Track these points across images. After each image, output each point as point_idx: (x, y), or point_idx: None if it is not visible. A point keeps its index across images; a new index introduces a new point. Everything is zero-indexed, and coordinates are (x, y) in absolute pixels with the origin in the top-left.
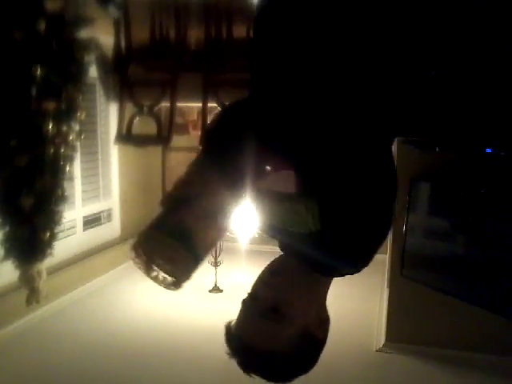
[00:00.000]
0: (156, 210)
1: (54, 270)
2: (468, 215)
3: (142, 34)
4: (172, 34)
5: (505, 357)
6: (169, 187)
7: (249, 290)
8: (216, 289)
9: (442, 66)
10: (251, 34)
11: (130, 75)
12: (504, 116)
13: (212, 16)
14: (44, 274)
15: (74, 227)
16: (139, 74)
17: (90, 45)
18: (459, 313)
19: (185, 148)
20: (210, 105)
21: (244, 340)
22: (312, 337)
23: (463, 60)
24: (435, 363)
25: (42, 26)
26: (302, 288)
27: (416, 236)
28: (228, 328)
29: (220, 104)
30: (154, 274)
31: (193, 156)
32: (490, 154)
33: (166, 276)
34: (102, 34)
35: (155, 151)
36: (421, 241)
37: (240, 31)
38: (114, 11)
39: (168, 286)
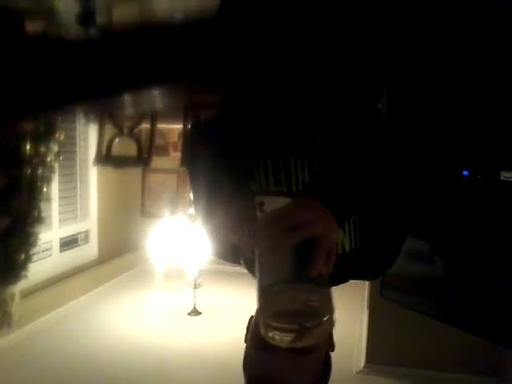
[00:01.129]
0: (134, 232)
1: (29, 293)
2: (446, 237)
3: None
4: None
5: (486, 377)
6: (148, 208)
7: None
8: (195, 311)
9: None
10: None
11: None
12: (480, 139)
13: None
14: (17, 297)
15: (50, 249)
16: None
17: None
18: (440, 334)
19: (165, 169)
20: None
21: (276, 376)
22: (329, 360)
23: (438, 84)
24: None
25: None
26: None
27: None
28: (251, 363)
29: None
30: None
31: (173, 177)
32: (467, 176)
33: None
34: None
35: (135, 172)
36: (400, 262)
37: None
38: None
39: (328, 327)
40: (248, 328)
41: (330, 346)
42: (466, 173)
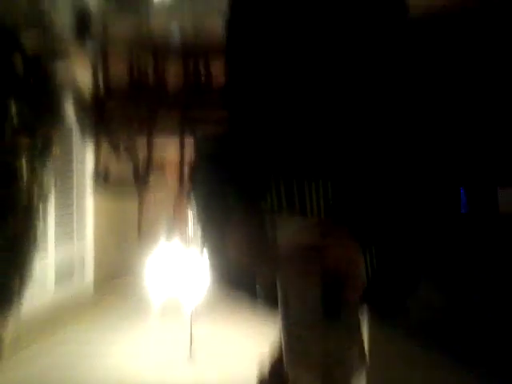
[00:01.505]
0: (131, 255)
1: (22, 320)
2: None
3: (119, 71)
4: (150, 70)
5: None
6: (146, 229)
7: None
8: (192, 355)
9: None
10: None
11: (107, 113)
12: (477, 155)
13: (190, 54)
14: (9, 325)
15: (44, 273)
16: (117, 111)
17: (66, 81)
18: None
19: (163, 188)
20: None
21: None
22: None
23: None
24: None
25: (18, 60)
26: None
27: None
28: None
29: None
30: None
31: (170, 196)
32: (466, 212)
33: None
34: (79, 70)
35: (131, 192)
36: None
37: (218, 69)
38: (91, 47)
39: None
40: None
41: None
42: (464, 201)
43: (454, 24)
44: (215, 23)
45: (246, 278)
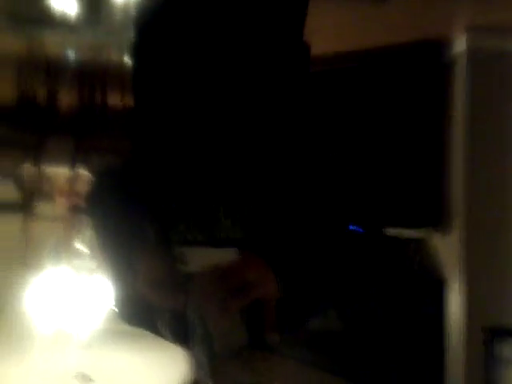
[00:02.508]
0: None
1: None
2: (336, 291)
3: (7, 92)
4: (41, 94)
5: None
6: (32, 259)
7: None
8: (81, 375)
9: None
10: (126, 101)
11: None
12: (365, 193)
13: (86, 79)
14: None
15: None
16: (2, 135)
17: None
18: None
19: (50, 217)
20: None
21: None
22: None
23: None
24: None
25: None
26: None
27: None
28: None
29: (91, 171)
30: None
31: (58, 225)
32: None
33: None
34: None
35: (15, 220)
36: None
37: (115, 97)
38: None
39: None
40: None
41: None
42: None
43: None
44: (114, 54)
45: (146, 313)
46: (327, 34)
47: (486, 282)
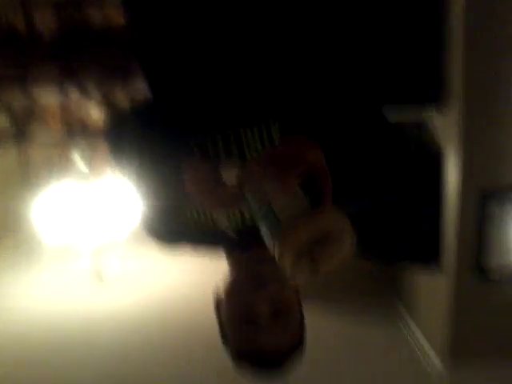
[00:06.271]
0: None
1: None
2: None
3: None
4: (21, 23)
5: None
6: (34, 181)
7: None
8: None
9: None
10: (109, 20)
11: None
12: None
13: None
14: None
15: None
16: None
17: None
18: None
19: (47, 143)
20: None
21: (260, 344)
22: (304, 322)
23: None
24: None
25: None
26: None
27: None
28: (234, 336)
29: (81, 90)
30: None
31: (56, 150)
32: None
33: None
34: None
35: (12, 152)
36: None
37: (97, 17)
38: None
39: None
40: (217, 304)
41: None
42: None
43: None
44: None
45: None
46: None
47: (481, 148)
